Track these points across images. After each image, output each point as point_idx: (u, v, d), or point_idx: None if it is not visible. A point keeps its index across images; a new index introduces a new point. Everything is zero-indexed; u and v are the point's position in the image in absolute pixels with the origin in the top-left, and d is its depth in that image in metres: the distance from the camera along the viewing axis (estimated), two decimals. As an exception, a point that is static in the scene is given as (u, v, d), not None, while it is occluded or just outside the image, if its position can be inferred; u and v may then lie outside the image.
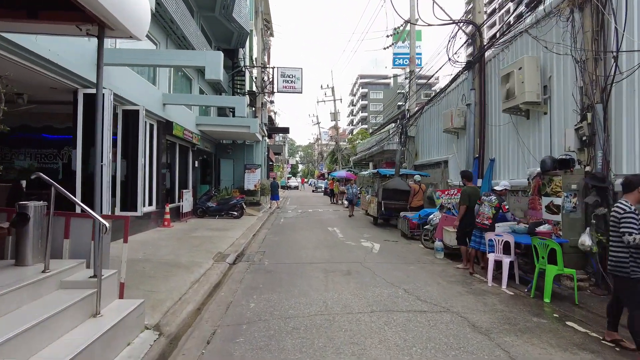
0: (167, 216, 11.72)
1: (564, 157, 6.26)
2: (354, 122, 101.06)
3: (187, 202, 13.70)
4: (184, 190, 13.51)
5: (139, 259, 7.07)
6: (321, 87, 57.69)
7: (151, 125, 11.56)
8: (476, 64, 10.35)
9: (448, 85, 12.15)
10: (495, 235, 6.25)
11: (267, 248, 9.05)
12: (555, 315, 4.83)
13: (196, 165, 16.16)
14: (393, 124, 20.29)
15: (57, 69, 6.70)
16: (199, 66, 8.22)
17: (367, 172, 18.02)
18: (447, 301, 5.26)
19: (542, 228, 6.15)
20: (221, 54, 8.04)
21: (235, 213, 14.80)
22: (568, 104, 7.16)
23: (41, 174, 3.68)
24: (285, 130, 25.86)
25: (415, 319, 4.55)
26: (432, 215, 9.27)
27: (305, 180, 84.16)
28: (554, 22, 7.29)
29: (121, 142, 9.32)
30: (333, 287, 5.78)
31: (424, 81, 17.18)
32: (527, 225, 6.69)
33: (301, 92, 20.40)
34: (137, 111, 9.38)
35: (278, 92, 20.23)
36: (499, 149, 9.68)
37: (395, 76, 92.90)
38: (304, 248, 8.92)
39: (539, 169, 6.87)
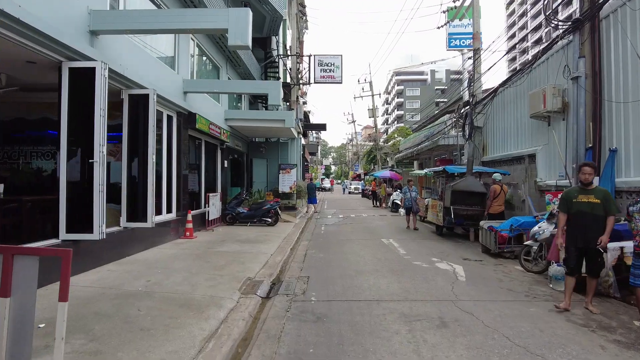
0: (189, 225, 9.81)
1: None
2: (389, 121, 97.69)
3: (214, 208, 11.79)
4: (211, 194, 11.60)
5: (137, 292, 5.06)
6: (358, 81, 55.47)
7: (169, 117, 9.70)
8: (586, 24, 7.71)
9: (536, 58, 9.50)
10: None
11: (311, 270, 6.84)
12: None
13: (225, 165, 14.29)
14: (447, 115, 17.66)
15: (29, 31, 4.82)
16: (220, 29, 6.20)
17: (424, 171, 15.47)
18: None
19: None
20: (249, 11, 5.95)
21: (269, 220, 12.76)
22: None
23: None
24: (322, 127, 23.64)
25: None
26: (537, 227, 6.73)
27: (339, 181, 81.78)
28: None
29: (127, 136, 7.47)
30: (431, 356, 3.47)
31: (457, 76, 14.61)
32: None
33: (341, 82, 18.15)
34: (146, 96, 7.49)
35: (315, 82, 18.10)
36: (627, 134, 6.98)
37: (432, 71, 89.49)
38: (361, 273, 6.63)
39: None
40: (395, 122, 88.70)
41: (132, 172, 7.64)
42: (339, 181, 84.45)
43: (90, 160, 5.73)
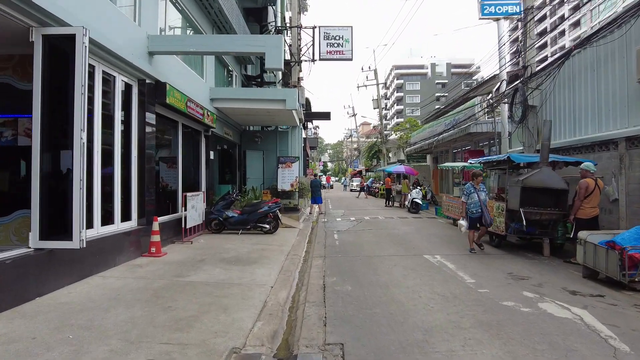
0: (156, 238, 6.97)
1: None
2: (388, 117, 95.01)
3: (194, 212, 8.95)
4: (189, 194, 8.74)
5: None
6: (362, 69, 52.47)
7: (127, 86, 6.90)
8: None
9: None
10: None
11: (343, 326, 4.01)
12: None
13: (211, 157, 11.46)
14: (478, 98, 14.92)
15: None
16: None
17: (467, 162, 12.70)
18: None
19: None
20: None
21: (267, 226, 9.95)
22: None
23: None
24: (326, 116, 20.79)
25: None
26: None
27: (336, 178, 79.05)
28: None
29: (42, 103, 4.64)
30: None
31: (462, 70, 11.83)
32: None
33: (351, 59, 15.30)
34: (71, 37, 4.67)
35: (321, 59, 15.20)
36: None
37: (433, 65, 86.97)
38: (433, 331, 3.82)
39: None
40: (395, 116, 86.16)
41: (51, 163, 4.84)
42: (336, 178, 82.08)
43: None
